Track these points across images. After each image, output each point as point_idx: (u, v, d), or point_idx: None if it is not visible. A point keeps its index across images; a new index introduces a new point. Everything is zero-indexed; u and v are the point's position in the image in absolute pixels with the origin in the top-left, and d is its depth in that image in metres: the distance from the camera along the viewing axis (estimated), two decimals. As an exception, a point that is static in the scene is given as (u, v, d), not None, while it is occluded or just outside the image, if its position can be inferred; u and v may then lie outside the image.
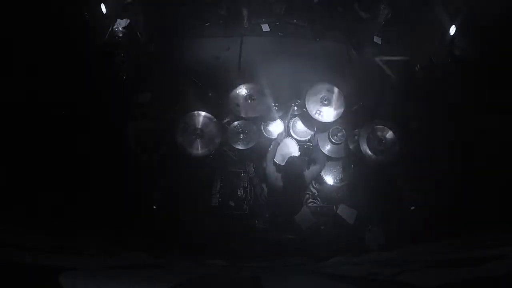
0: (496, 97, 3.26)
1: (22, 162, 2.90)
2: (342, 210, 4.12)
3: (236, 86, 3.89)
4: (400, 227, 3.81)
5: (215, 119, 3.76)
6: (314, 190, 4.09)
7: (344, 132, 3.87)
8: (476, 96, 3.56)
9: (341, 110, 3.75)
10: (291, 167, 2.89)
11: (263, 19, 5.71)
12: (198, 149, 3.63)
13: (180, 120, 3.69)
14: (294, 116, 4.10)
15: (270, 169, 3.18)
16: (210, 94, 4.19)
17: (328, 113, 3.71)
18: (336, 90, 3.81)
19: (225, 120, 4.15)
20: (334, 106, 3.75)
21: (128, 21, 4.60)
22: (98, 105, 4.11)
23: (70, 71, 3.65)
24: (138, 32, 4.77)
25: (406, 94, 4.95)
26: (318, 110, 3.70)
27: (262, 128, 4.05)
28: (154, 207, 3.89)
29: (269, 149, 3.56)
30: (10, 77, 2.86)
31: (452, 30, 4.00)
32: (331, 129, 3.89)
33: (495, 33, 3.40)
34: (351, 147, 3.75)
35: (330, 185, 3.92)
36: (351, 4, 5.04)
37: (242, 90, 3.86)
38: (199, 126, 3.68)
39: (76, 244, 2.49)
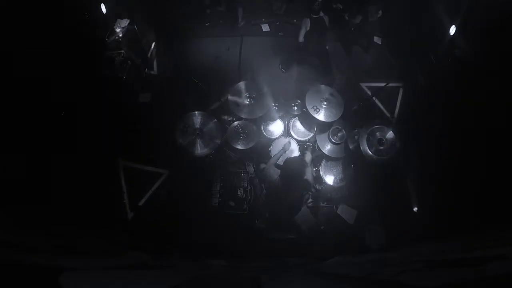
0: (496, 97, 3.26)
1: (22, 162, 2.90)
2: (342, 210, 4.13)
3: (236, 86, 3.88)
4: (400, 227, 3.81)
5: (215, 119, 3.76)
6: (314, 190, 4.09)
7: (344, 132, 3.87)
8: (477, 95, 3.56)
9: (339, 112, 3.75)
10: (289, 167, 2.89)
11: (263, 19, 5.73)
12: (198, 149, 3.63)
13: (180, 120, 3.68)
14: (294, 116, 4.10)
15: (271, 172, 3.18)
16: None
17: (324, 113, 3.71)
18: (337, 93, 3.81)
19: (227, 118, 4.15)
20: (333, 108, 3.74)
21: (128, 21, 4.60)
22: (99, 106, 4.11)
23: (70, 71, 3.65)
24: (138, 32, 4.77)
25: (407, 94, 4.97)
26: (315, 106, 3.70)
27: (262, 128, 4.05)
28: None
29: (273, 154, 3.56)
30: (10, 76, 2.86)
31: (452, 30, 4.00)
32: (331, 129, 3.89)
33: (495, 33, 3.40)
34: (351, 147, 3.74)
35: (330, 185, 3.92)
36: (341, 17, 5.09)
37: (242, 90, 3.85)
38: (199, 126, 3.68)
39: (76, 244, 2.49)
